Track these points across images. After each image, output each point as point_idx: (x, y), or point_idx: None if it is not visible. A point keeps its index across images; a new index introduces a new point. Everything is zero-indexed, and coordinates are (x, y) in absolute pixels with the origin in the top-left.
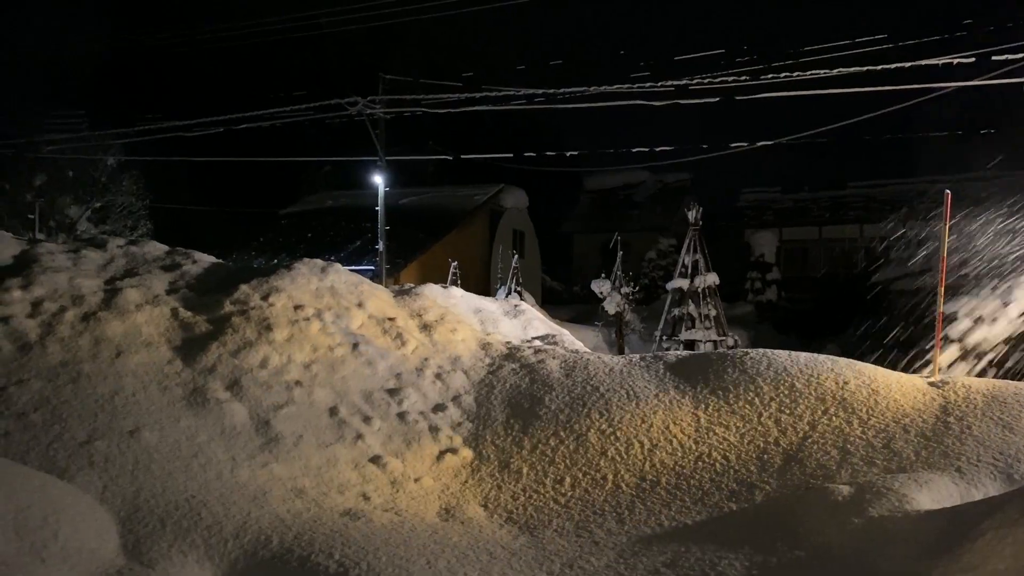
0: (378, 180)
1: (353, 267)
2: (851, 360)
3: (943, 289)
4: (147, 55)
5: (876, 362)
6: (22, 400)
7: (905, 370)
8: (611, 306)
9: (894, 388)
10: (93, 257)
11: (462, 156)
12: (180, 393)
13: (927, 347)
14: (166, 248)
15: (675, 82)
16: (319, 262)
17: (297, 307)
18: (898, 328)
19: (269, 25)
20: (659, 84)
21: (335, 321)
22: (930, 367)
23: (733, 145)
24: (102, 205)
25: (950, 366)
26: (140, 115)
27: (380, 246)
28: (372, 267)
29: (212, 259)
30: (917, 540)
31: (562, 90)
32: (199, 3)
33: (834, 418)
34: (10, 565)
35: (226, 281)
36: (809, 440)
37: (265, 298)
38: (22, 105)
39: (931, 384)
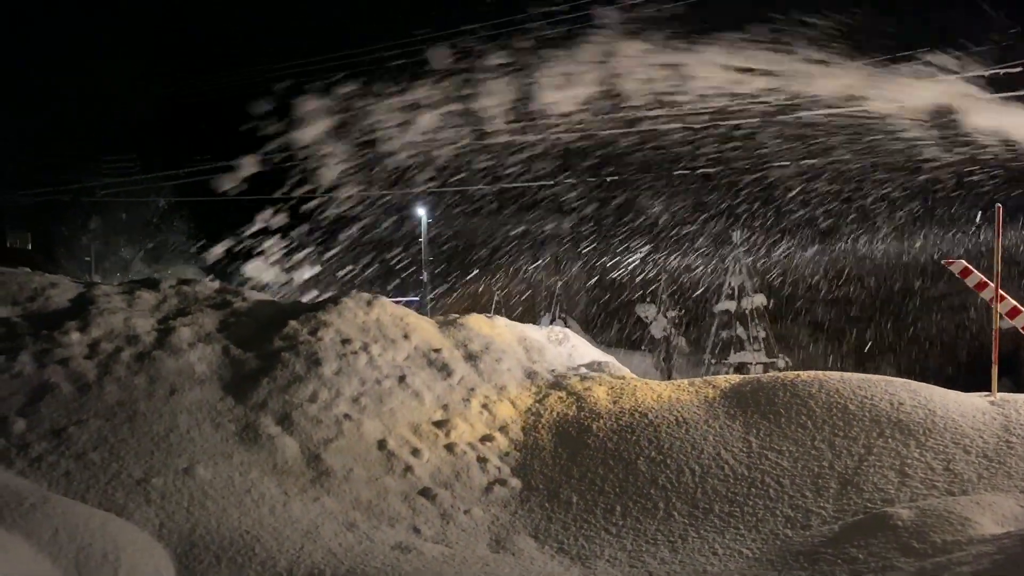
0: (420, 212)
1: (398, 299)
2: (906, 380)
3: (998, 305)
4: (194, 98)
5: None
6: (82, 440)
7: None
8: (657, 330)
9: (952, 408)
10: (147, 297)
11: (503, 184)
12: (232, 429)
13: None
14: (216, 286)
15: (713, 104)
16: (365, 295)
17: (344, 341)
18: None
19: (309, 67)
20: (700, 107)
21: (382, 354)
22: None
23: (778, 164)
24: (154, 245)
25: None
26: (188, 157)
27: (424, 277)
28: (416, 298)
29: (261, 296)
30: (982, 565)
31: (599, 116)
32: (242, 48)
33: (890, 440)
34: None
35: (275, 317)
36: (865, 463)
37: (313, 333)
38: (77, 151)
39: (991, 403)
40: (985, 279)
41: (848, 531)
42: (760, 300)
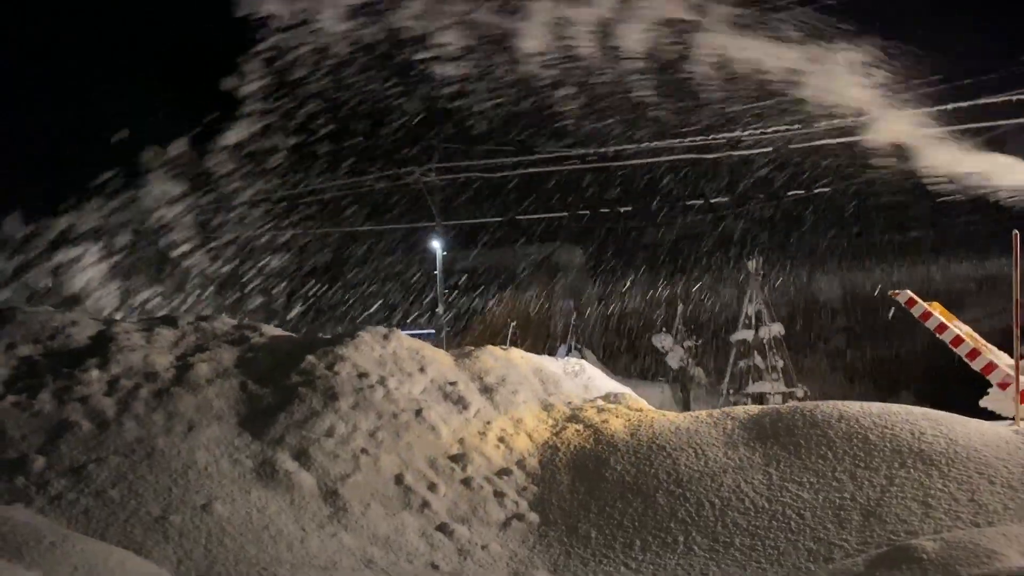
0: (435, 245)
1: (414, 331)
2: (926, 409)
3: (1019, 331)
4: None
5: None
6: (101, 477)
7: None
8: (674, 360)
9: (974, 437)
10: (166, 334)
11: (517, 217)
12: (250, 465)
13: None
14: (234, 322)
15: (727, 134)
16: (381, 329)
17: (361, 375)
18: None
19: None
20: (711, 136)
21: (398, 387)
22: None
23: (791, 193)
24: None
25: None
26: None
27: (440, 309)
28: (432, 330)
29: (278, 331)
30: None
31: (613, 148)
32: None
33: (912, 470)
34: None
35: (292, 352)
36: (888, 494)
37: (330, 367)
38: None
39: (1015, 432)
40: (929, 309)
41: (872, 564)
42: (778, 329)
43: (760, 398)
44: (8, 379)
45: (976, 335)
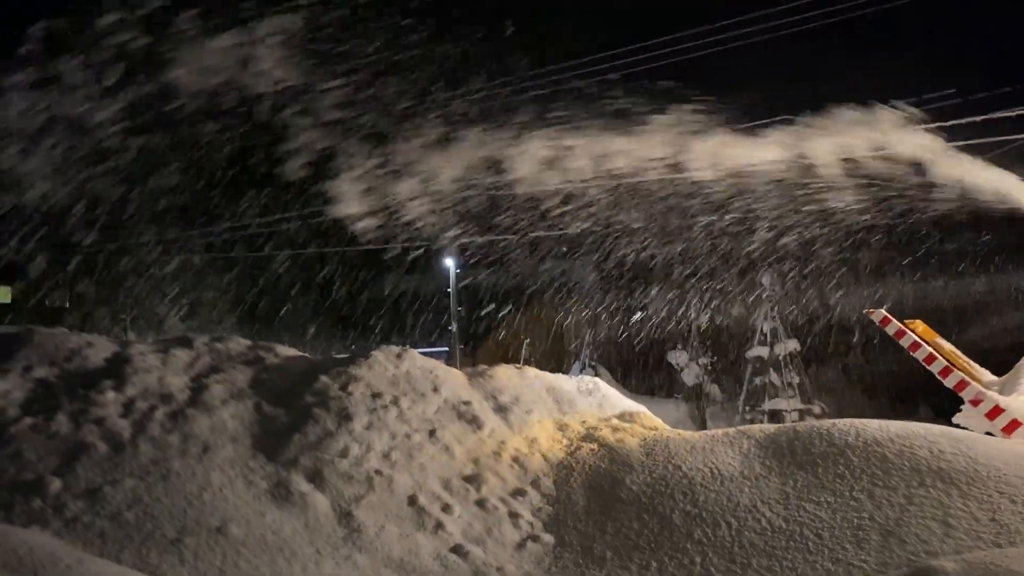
0: (449, 263)
1: (428, 348)
2: (946, 427)
3: None
4: (226, 157)
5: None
6: (116, 499)
7: None
8: (689, 377)
9: (994, 455)
10: (181, 355)
11: (530, 233)
12: (264, 487)
13: None
14: (248, 343)
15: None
16: (395, 349)
17: (375, 395)
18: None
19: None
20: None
21: (411, 407)
22: None
23: (805, 208)
24: (189, 302)
25: None
26: (224, 214)
27: (453, 327)
28: (446, 348)
29: (293, 351)
30: None
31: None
32: (268, 106)
33: (932, 489)
34: None
35: (306, 372)
36: (907, 514)
37: (344, 388)
38: (116, 209)
39: None
40: (903, 328)
41: None
42: (793, 345)
43: (776, 415)
44: (24, 401)
45: (959, 353)
